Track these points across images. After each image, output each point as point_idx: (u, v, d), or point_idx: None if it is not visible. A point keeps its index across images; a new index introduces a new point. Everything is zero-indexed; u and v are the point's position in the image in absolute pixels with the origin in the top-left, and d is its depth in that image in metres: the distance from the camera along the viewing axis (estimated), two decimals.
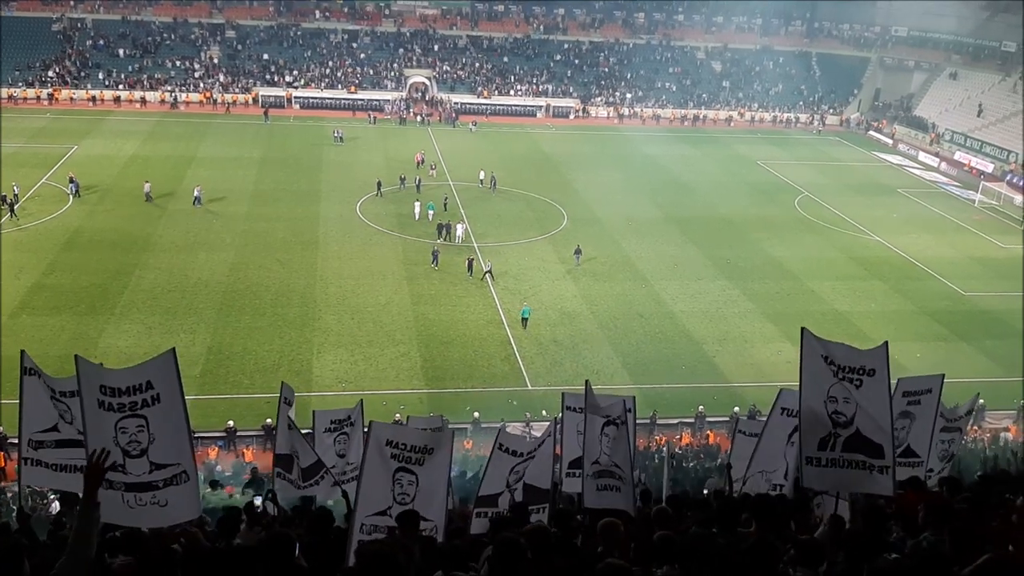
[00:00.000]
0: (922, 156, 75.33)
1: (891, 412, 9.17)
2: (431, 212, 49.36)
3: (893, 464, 9.04)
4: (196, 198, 49.59)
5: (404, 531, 7.70)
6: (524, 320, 37.64)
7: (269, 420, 26.04)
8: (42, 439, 9.20)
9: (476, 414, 29.82)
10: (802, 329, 9.37)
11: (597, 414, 10.72)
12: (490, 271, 41.95)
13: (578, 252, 44.74)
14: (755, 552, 5.93)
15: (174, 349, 7.73)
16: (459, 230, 46.56)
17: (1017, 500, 8.13)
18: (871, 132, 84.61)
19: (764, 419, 12.19)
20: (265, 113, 73.62)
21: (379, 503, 8.78)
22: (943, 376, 11.40)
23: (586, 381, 11.14)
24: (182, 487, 7.82)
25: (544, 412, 29.19)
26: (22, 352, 9.43)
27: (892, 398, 9.30)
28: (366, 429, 11.36)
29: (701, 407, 31.19)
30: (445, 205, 51.26)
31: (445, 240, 45.96)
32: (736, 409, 30.05)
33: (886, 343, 9.27)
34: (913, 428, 11.00)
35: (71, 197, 48.71)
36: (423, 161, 59.53)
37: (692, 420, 31.08)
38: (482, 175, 57.42)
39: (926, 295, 43.85)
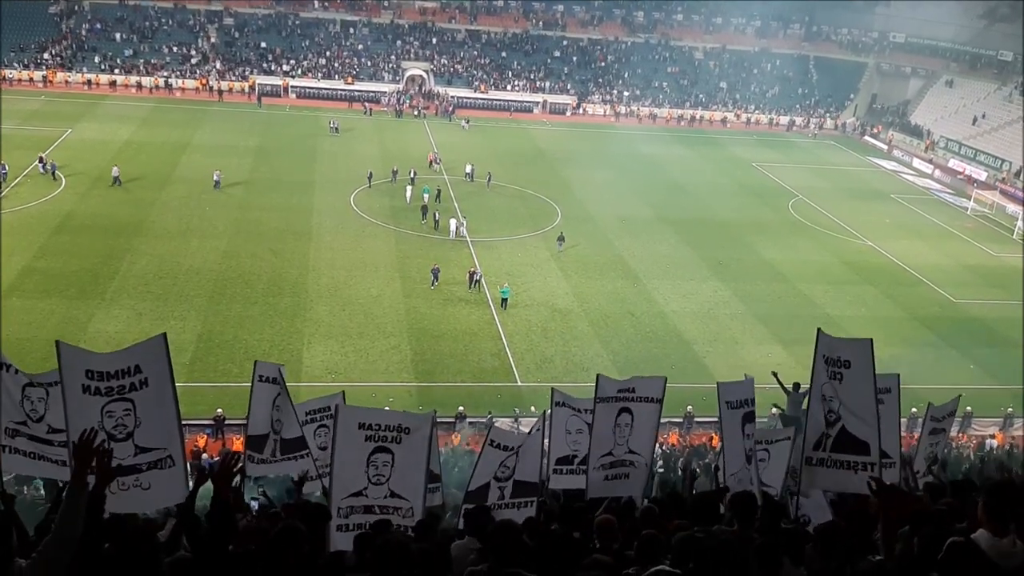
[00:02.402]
0: (916, 162, 75.53)
1: (876, 407, 9.17)
2: (426, 196, 49.87)
3: (879, 462, 9.06)
4: (216, 182, 50.07)
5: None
6: (504, 300, 38.38)
7: None
8: (17, 428, 9.19)
9: (461, 408, 29.83)
10: (818, 330, 9.41)
11: (610, 402, 10.73)
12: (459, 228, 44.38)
13: (561, 239, 45.89)
14: (756, 551, 5.90)
15: (164, 335, 7.70)
16: (452, 225, 46.50)
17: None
18: (866, 137, 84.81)
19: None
20: (258, 99, 73.81)
21: (354, 485, 8.75)
22: (898, 375, 11.42)
23: (597, 376, 11.10)
24: (166, 471, 7.78)
25: (532, 408, 29.23)
26: None
27: (877, 395, 9.30)
28: (332, 412, 11.24)
29: (690, 407, 31.23)
30: (438, 196, 51.34)
31: (427, 223, 47.44)
32: None
33: (870, 340, 9.28)
34: (881, 432, 10.98)
35: (60, 180, 48.50)
36: (435, 161, 59.32)
37: (680, 420, 31.13)
38: (468, 168, 57.52)
39: (917, 301, 44.00)
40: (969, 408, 30.94)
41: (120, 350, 7.74)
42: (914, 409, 28.66)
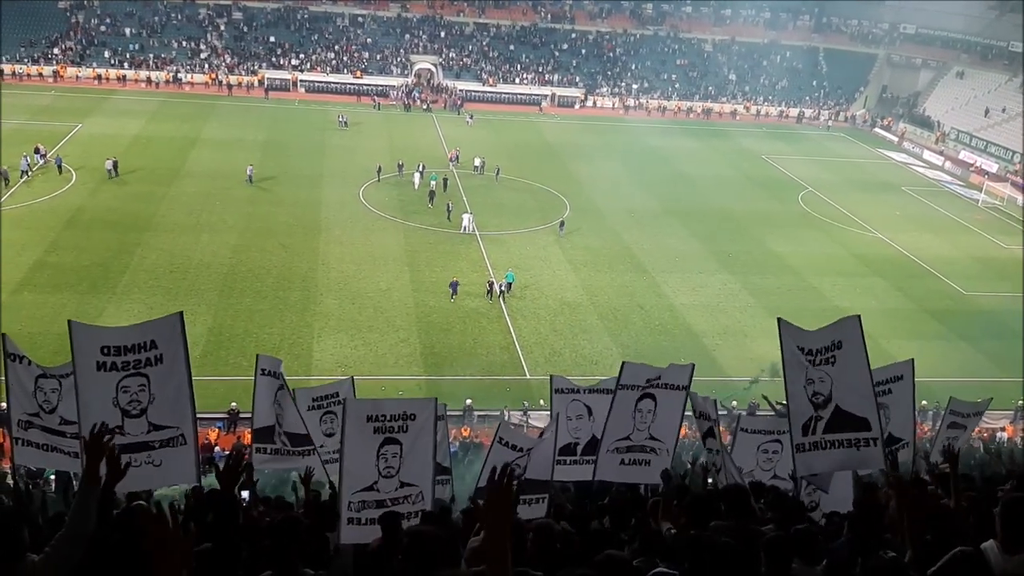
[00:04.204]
0: (927, 154, 75.17)
1: (872, 381, 9.12)
2: (433, 183, 50.82)
3: (882, 436, 9.03)
4: (249, 176, 50.59)
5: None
6: (509, 285, 38.77)
7: None
8: (30, 420, 9.27)
9: (468, 401, 29.92)
10: (778, 319, 9.37)
11: (634, 390, 10.73)
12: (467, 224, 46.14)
13: (562, 224, 46.93)
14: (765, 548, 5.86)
15: (181, 313, 7.75)
16: (465, 220, 46.51)
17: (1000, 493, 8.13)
18: (876, 129, 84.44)
19: (763, 415, 12.18)
20: (266, 92, 74.48)
21: (365, 479, 8.75)
22: (912, 361, 11.43)
23: (623, 363, 11.06)
24: (178, 450, 7.84)
25: (541, 401, 29.21)
26: (3, 336, 9.46)
27: (871, 370, 9.26)
28: (339, 399, 11.16)
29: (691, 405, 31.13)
30: (445, 185, 51.86)
31: (435, 206, 48.85)
32: (734, 403, 30.07)
33: (857, 317, 9.25)
34: (892, 416, 10.97)
35: (70, 174, 48.70)
36: (457, 158, 59.02)
37: (689, 413, 31.06)
38: (478, 161, 57.64)
39: (927, 294, 43.85)
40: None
41: (135, 324, 7.81)
42: (924, 402, 28.64)
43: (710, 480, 10.79)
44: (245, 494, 11.09)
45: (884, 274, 45.81)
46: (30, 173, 48.17)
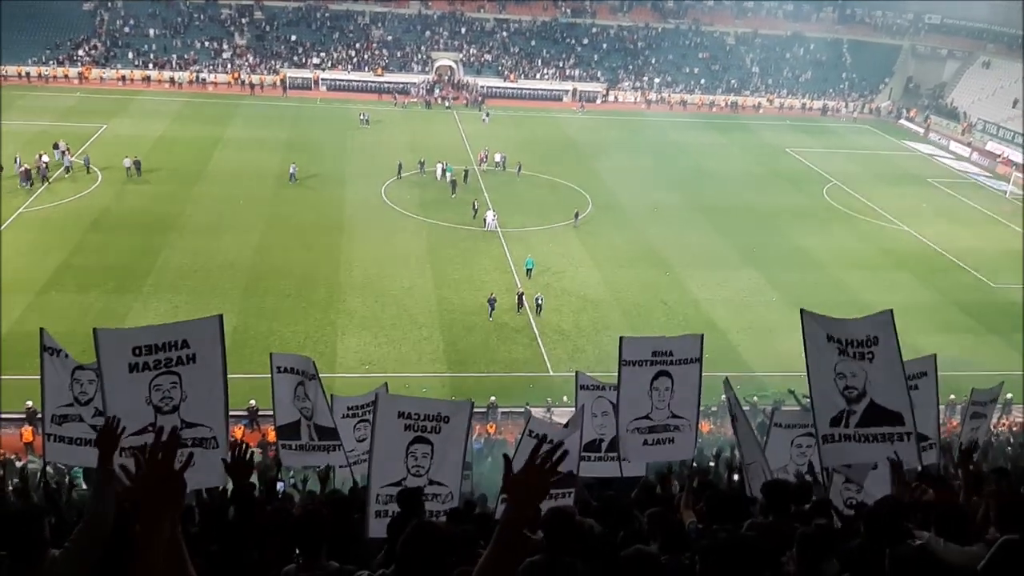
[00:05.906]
0: (953, 146, 74.28)
1: (905, 376, 9.11)
2: (450, 173, 52.05)
3: (915, 430, 8.99)
4: (292, 175, 51.28)
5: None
6: (528, 271, 39.57)
7: None
8: (65, 414, 9.32)
9: (492, 398, 29.92)
10: (801, 311, 9.30)
11: (643, 366, 10.63)
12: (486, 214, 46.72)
13: (576, 215, 47.52)
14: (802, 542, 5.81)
15: (221, 317, 7.75)
16: (489, 217, 46.49)
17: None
18: (902, 121, 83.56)
19: (788, 409, 12.05)
20: (284, 90, 75.45)
21: (393, 474, 8.73)
22: (935, 356, 11.26)
23: (620, 338, 10.91)
24: (210, 452, 7.85)
25: (565, 398, 29.15)
26: (41, 331, 9.50)
27: (903, 363, 9.23)
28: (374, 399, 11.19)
29: (724, 396, 30.91)
30: (466, 178, 52.73)
31: (454, 195, 50.67)
32: (756, 399, 29.89)
33: (890, 311, 9.20)
34: (918, 416, 10.84)
35: (95, 173, 49.19)
36: (486, 159, 58.74)
37: (715, 408, 30.89)
38: (498, 157, 57.73)
39: (955, 286, 43.33)
40: (1010, 395, 30.38)
41: (168, 324, 7.84)
42: (952, 396, 28.29)
43: (735, 476, 10.71)
44: (280, 486, 11.16)
45: (911, 267, 45.32)
46: (72, 170, 49.49)
